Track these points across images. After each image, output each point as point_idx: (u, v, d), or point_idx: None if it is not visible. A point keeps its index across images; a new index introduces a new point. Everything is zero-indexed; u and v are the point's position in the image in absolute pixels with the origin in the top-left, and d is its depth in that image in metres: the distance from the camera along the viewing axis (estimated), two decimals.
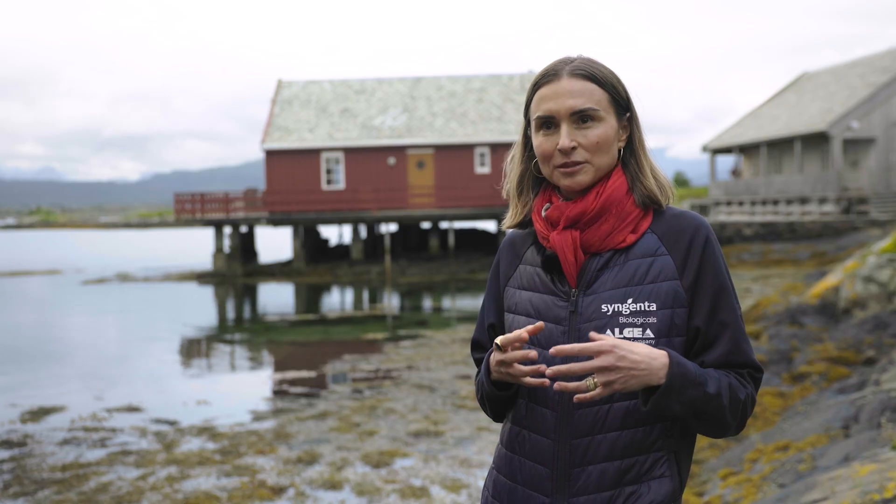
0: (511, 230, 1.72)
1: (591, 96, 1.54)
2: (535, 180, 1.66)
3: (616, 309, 1.51)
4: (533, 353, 1.46)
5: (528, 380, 1.48)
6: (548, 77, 1.57)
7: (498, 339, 1.49)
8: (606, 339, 1.41)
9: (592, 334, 1.43)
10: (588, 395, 1.42)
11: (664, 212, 1.60)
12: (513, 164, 1.69)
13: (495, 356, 1.52)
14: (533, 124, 1.60)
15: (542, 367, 1.47)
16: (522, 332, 1.46)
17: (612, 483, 1.50)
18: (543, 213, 1.61)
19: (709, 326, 1.53)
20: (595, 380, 1.40)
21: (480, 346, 1.75)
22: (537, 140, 1.58)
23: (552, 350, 1.42)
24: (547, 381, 1.47)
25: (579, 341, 1.52)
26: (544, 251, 1.61)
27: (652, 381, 1.41)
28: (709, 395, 1.45)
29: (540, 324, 1.48)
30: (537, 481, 1.55)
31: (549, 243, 1.59)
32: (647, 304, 1.51)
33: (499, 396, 1.59)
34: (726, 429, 1.51)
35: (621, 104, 1.58)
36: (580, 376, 1.47)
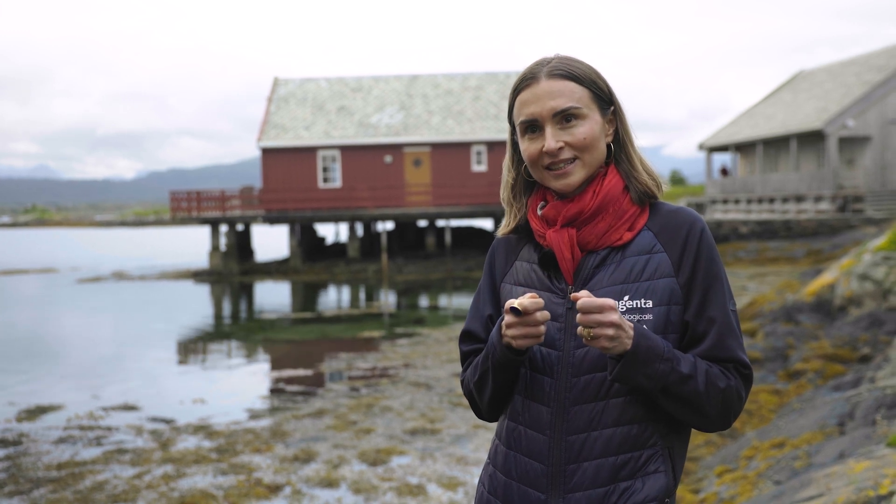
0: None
1: (571, 95, 1.54)
2: (527, 184, 1.67)
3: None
4: (548, 314, 1.48)
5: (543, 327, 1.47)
6: (526, 81, 1.57)
7: (517, 303, 1.45)
8: (609, 300, 1.44)
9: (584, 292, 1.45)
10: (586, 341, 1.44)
11: (660, 208, 1.61)
12: (505, 173, 1.69)
13: (509, 320, 1.48)
14: (517, 129, 1.60)
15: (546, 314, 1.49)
16: (540, 300, 1.47)
17: (607, 479, 1.51)
18: (539, 212, 1.62)
19: (697, 322, 1.53)
20: (590, 331, 1.42)
21: (472, 338, 1.71)
22: (524, 145, 1.59)
23: (573, 295, 1.44)
24: (548, 314, 1.48)
25: (576, 338, 1.53)
26: (541, 248, 1.62)
27: (625, 346, 1.43)
28: (681, 373, 1.46)
29: (546, 314, 1.48)
30: (533, 477, 1.56)
31: (545, 241, 1.59)
32: (643, 300, 1.52)
33: (512, 360, 1.54)
34: (706, 418, 1.51)
35: (604, 99, 1.59)
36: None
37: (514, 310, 1.46)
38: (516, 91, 1.59)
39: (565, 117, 1.54)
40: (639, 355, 1.43)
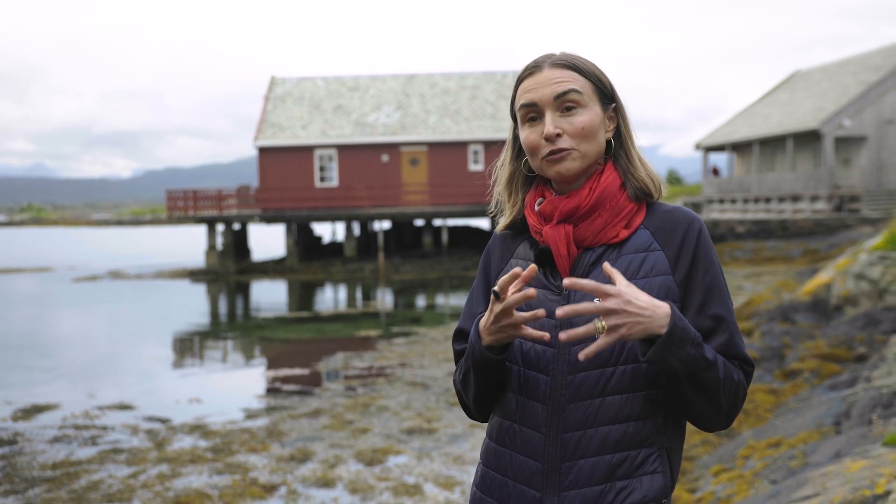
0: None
1: (573, 82, 1.55)
2: (525, 179, 1.67)
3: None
4: (532, 291, 1.42)
5: (529, 330, 1.45)
6: (530, 70, 1.59)
7: (495, 287, 1.44)
8: (612, 286, 1.40)
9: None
10: (594, 346, 1.39)
11: (657, 207, 1.60)
12: (502, 167, 1.69)
13: (493, 309, 1.46)
14: (518, 117, 1.61)
15: (542, 311, 1.44)
16: (516, 269, 1.44)
17: (604, 478, 1.50)
18: (537, 208, 1.62)
19: (702, 320, 1.52)
20: (603, 323, 1.39)
21: (465, 336, 1.69)
22: (523, 133, 1.59)
23: (566, 282, 1.39)
24: (548, 335, 1.45)
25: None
26: (537, 245, 1.61)
27: (654, 329, 1.40)
28: (707, 359, 1.44)
29: (533, 266, 1.44)
30: (528, 475, 1.55)
31: (541, 238, 1.59)
32: None
33: (493, 361, 1.53)
34: (718, 409, 1.50)
35: (605, 94, 1.59)
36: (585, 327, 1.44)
37: (493, 292, 1.44)
38: (520, 80, 1.60)
39: (566, 105, 1.55)
40: (674, 337, 1.40)
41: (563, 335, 1.40)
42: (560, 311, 1.39)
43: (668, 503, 1.55)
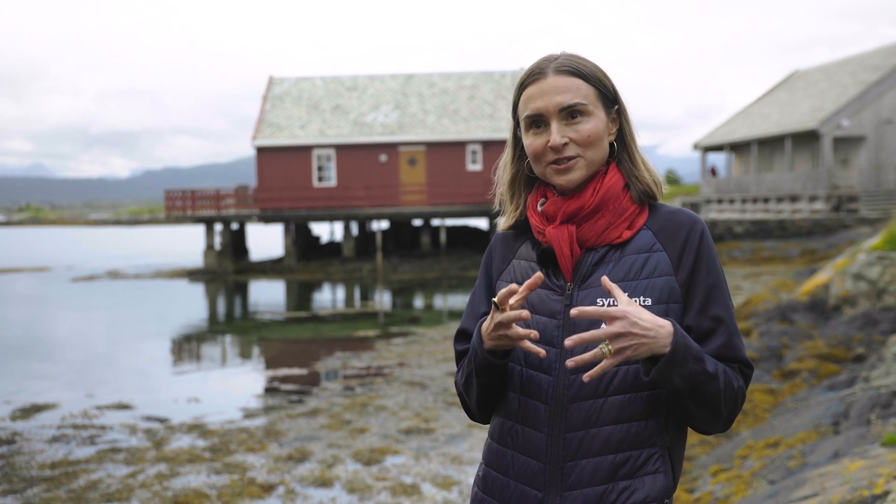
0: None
1: (578, 91, 1.55)
2: (527, 180, 1.67)
3: (611, 303, 1.51)
4: (526, 313, 1.43)
5: (527, 344, 1.46)
6: (533, 76, 1.57)
7: (495, 298, 1.46)
8: (616, 307, 1.40)
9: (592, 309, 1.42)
10: (598, 368, 1.40)
11: (659, 209, 1.61)
12: (504, 168, 1.69)
13: (493, 317, 1.48)
14: (522, 124, 1.60)
15: (534, 332, 1.45)
16: (514, 285, 1.45)
17: (606, 478, 1.50)
18: (539, 208, 1.62)
19: (702, 321, 1.53)
20: (609, 347, 1.39)
21: (467, 336, 1.70)
22: (527, 140, 1.59)
23: (573, 312, 1.39)
24: (543, 352, 1.45)
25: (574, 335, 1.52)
26: (539, 246, 1.61)
27: (658, 349, 1.41)
28: (708, 373, 1.45)
29: (539, 274, 1.45)
30: (530, 475, 1.55)
31: (544, 238, 1.59)
32: (642, 298, 1.52)
33: (495, 365, 1.54)
34: (718, 418, 1.51)
35: (609, 97, 1.59)
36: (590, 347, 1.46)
37: (493, 303, 1.46)
38: (522, 86, 1.59)
39: (571, 113, 1.55)
40: (677, 356, 1.41)
41: (570, 362, 1.41)
42: (568, 342, 1.39)
43: (670, 503, 1.55)
